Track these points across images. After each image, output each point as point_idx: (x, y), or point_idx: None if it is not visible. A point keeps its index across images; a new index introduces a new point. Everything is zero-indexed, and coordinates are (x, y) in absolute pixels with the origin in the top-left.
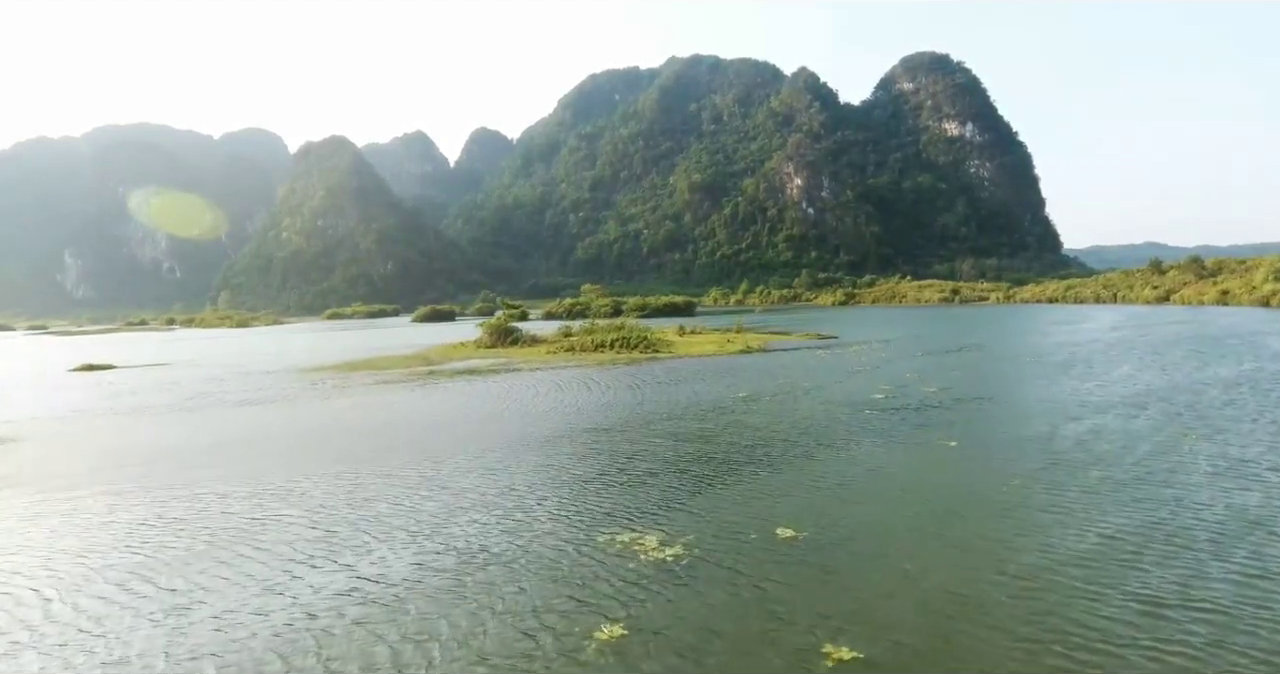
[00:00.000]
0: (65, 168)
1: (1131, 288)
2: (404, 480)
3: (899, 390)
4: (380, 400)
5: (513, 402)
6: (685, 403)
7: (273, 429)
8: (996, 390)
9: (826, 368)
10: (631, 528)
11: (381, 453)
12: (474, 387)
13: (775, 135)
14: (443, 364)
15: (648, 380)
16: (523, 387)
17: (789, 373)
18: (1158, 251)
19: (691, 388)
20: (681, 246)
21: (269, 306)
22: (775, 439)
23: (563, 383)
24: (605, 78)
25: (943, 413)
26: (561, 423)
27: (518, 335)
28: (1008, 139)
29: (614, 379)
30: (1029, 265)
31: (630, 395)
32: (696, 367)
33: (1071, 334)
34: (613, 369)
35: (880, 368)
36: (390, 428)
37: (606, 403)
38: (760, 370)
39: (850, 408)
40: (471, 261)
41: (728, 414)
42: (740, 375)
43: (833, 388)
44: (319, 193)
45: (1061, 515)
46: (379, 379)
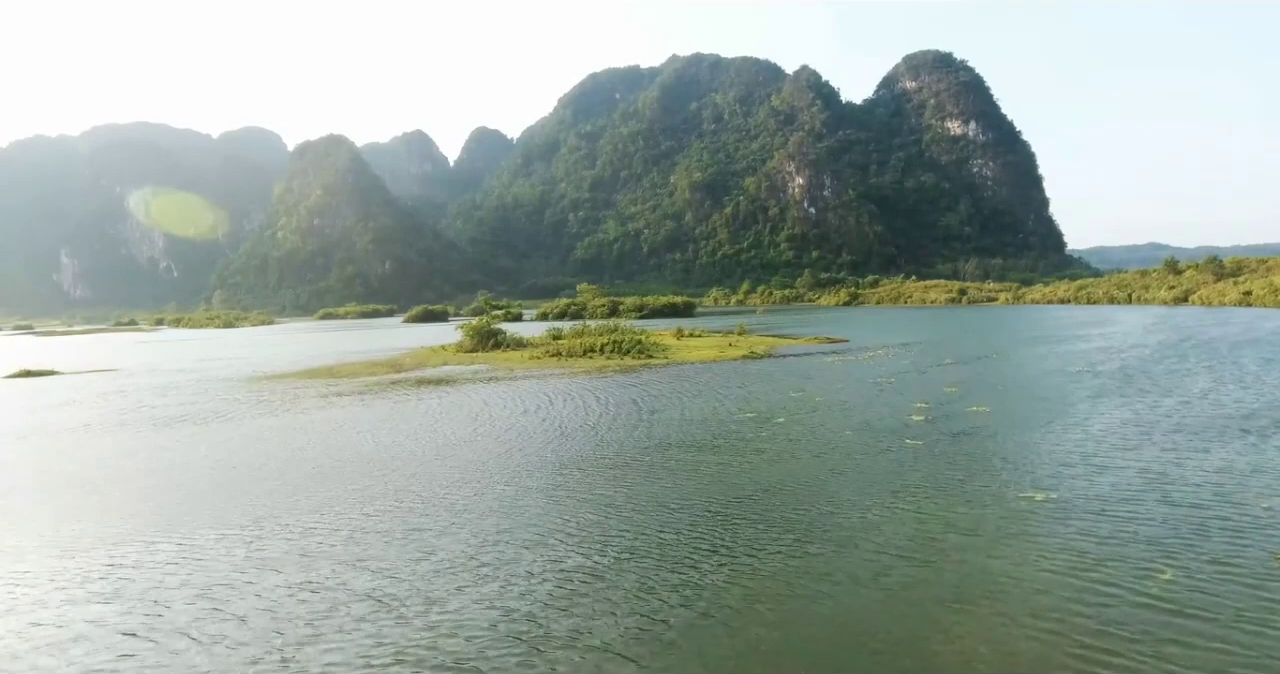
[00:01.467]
0: (63, 167)
1: (1147, 288)
2: (261, 591)
3: (939, 410)
4: (323, 418)
5: (474, 423)
6: (680, 426)
7: (177, 460)
8: (1061, 410)
9: (844, 378)
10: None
11: (280, 502)
12: (439, 400)
13: (777, 134)
14: (413, 371)
15: (637, 394)
16: (493, 400)
17: (802, 384)
18: (1160, 252)
19: (689, 404)
20: (682, 246)
21: (265, 306)
22: (800, 491)
23: (539, 396)
24: (606, 76)
25: (1007, 446)
26: (525, 459)
27: (501, 338)
28: (1011, 138)
29: (599, 392)
30: (1033, 265)
31: (614, 415)
32: (695, 375)
33: (1105, 338)
34: (600, 378)
35: (906, 379)
36: (313, 461)
37: (585, 425)
38: (768, 380)
39: (888, 436)
40: (470, 261)
41: (736, 445)
42: (746, 387)
43: (858, 405)
44: (315, 191)
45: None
46: (335, 390)
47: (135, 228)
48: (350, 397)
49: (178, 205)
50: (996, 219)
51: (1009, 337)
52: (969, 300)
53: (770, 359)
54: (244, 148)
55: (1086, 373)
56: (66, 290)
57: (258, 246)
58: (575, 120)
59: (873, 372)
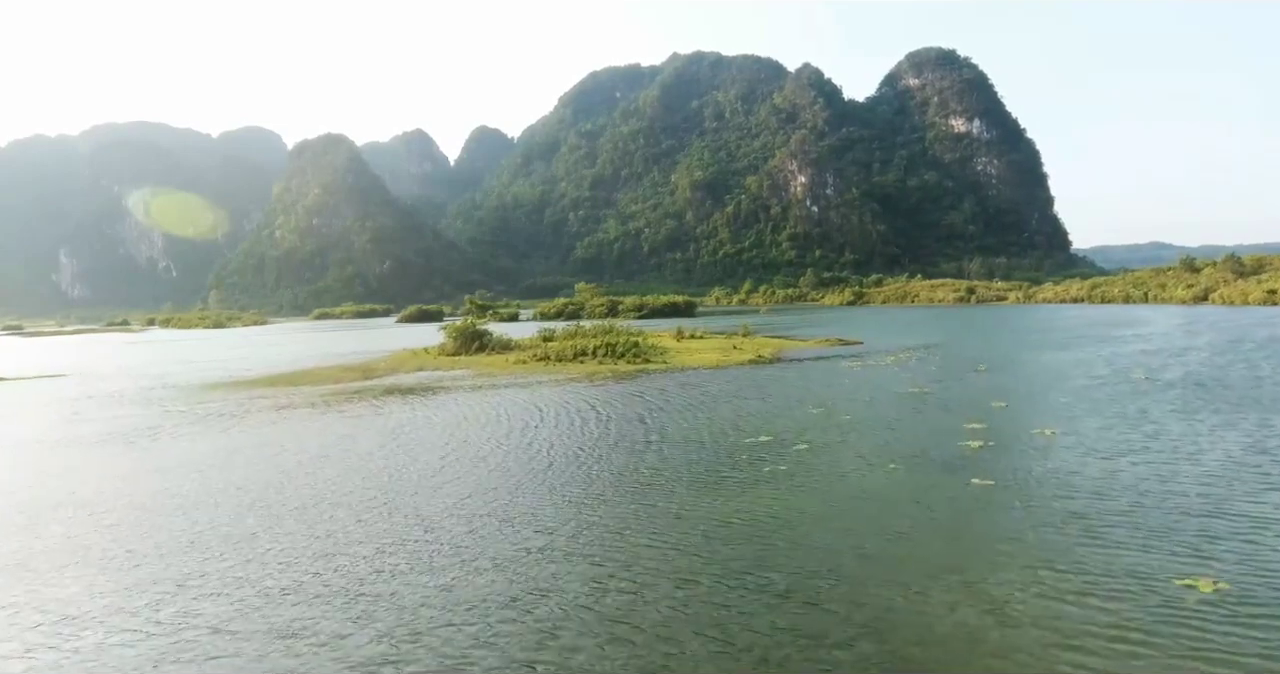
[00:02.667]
0: (62, 166)
1: (1164, 287)
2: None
3: (998, 434)
4: (263, 440)
5: (431, 451)
6: (681, 456)
7: (85, 492)
8: (1151, 434)
9: (869, 388)
10: None
11: (104, 585)
12: (403, 416)
13: (778, 132)
14: (384, 377)
15: (631, 409)
16: (462, 418)
17: (821, 395)
18: (1163, 251)
19: (691, 423)
20: (683, 246)
21: (262, 306)
22: (849, 567)
23: (516, 412)
24: (606, 75)
25: (1112, 490)
26: (485, 514)
27: (486, 341)
28: (1015, 136)
29: (587, 406)
30: (1038, 264)
31: (600, 439)
32: (697, 384)
33: (1144, 340)
34: (590, 387)
35: (942, 389)
36: (217, 507)
37: (565, 455)
38: (781, 391)
39: (946, 474)
40: (469, 261)
41: (752, 486)
42: (756, 399)
43: (895, 426)
44: (313, 190)
45: None
46: (291, 401)
47: (134, 227)
48: (304, 410)
49: (177, 205)
50: (1000, 218)
51: (1036, 338)
52: (977, 300)
53: (780, 364)
54: (244, 147)
55: (1150, 381)
56: (65, 290)
57: (255, 246)
58: (576, 119)
59: (900, 380)
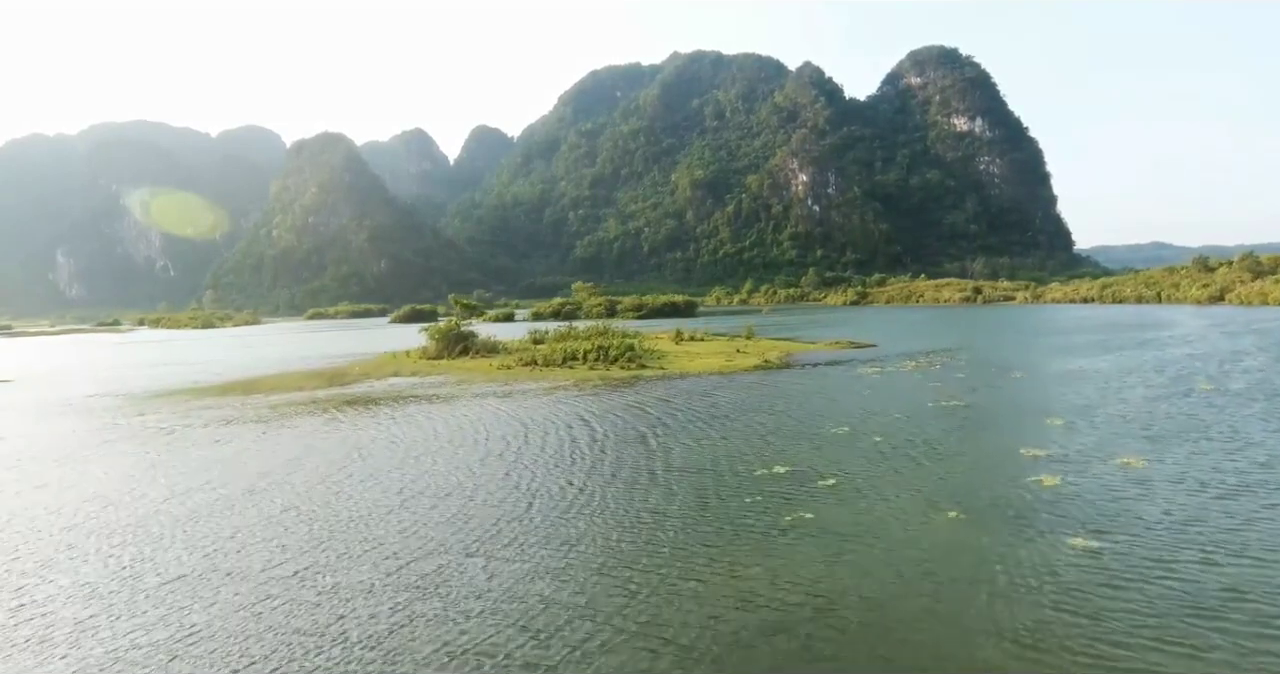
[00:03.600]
0: (60, 165)
1: (1177, 286)
2: None
3: (1071, 467)
4: (190, 462)
5: (389, 480)
6: (677, 493)
7: None
8: (1265, 463)
9: (896, 400)
10: None
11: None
12: (361, 432)
13: (779, 131)
14: (353, 385)
15: (620, 427)
16: (428, 434)
17: (841, 409)
18: (1163, 251)
19: (689, 446)
20: (683, 245)
21: (259, 306)
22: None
23: (488, 432)
24: (606, 74)
25: (1263, 546)
26: (425, 569)
27: (470, 343)
28: (1018, 135)
29: (569, 423)
30: (1041, 264)
31: (579, 468)
32: (697, 395)
33: (1183, 342)
34: (577, 398)
35: (977, 401)
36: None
37: (538, 493)
38: (794, 402)
39: (1026, 529)
40: (468, 261)
41: (771, 545)
42: (766, 413)
43: (939, 452)
44: (311, 189)
45: None
46: (240, 413)
47: (132, 227)
48: (250, 425)
49: (175, 204)
50: (1003, 217)
51: (1062, 341)
52: (984, 300)
53: (789, 370)
54: (243, 147)
55: (1219, 392)
56: (63, 290)
57: (253, 245)
58: (576, 118)
59: (928, 390)
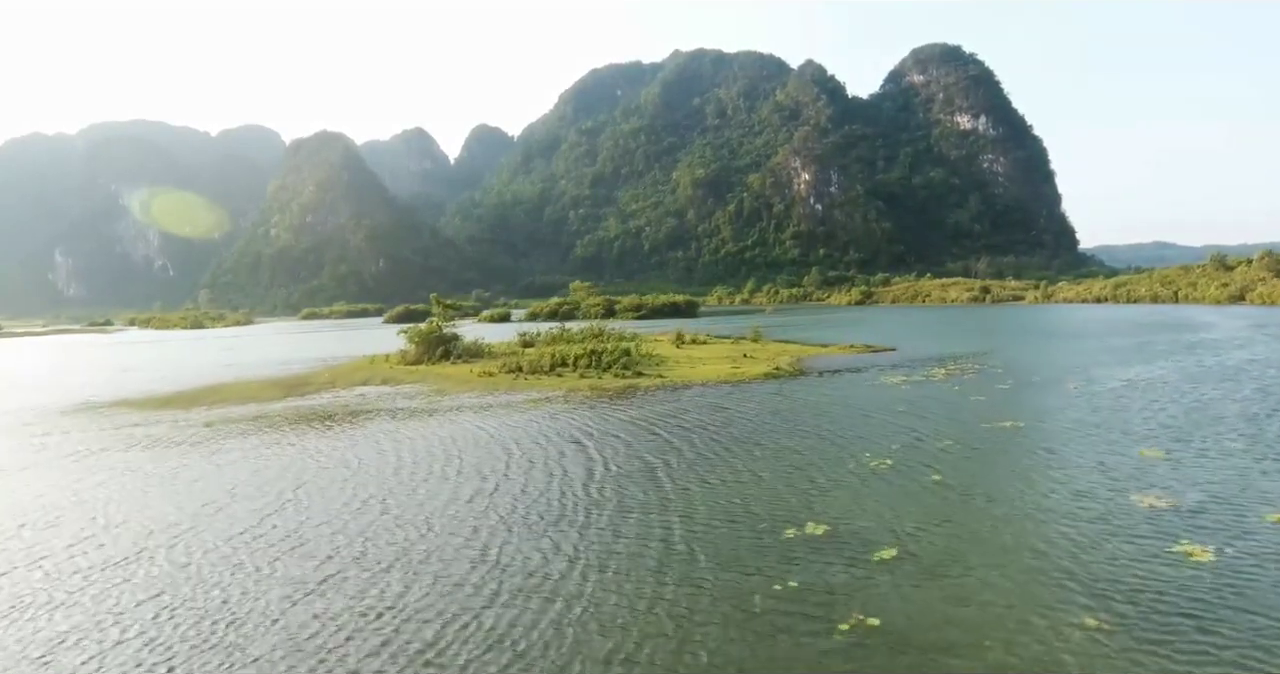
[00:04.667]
0: (59, 164)
1: (1194, 285)
2: None
3: (1206, 513)
4: (81, 497)
5: (319, 537)
6: (682, 569)
7: None
8: None
9: (938, 419)
10: None
11: None
12: (306, 458)
13: (781, 130)
14: (318, 393)
15: (608, 456)
16: (385, 463)
17: (876, 432)
18: (1166, 250)
19: (693, 489)
20: (684, 244)
21: (257, 305)
22: None
23: (462, 455)
24: (607, 72)
25: None
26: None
27: (452, 347)
28: (1021, 133)
29: (548, 449)
30: (1047, 263)
31: (552, 520)
32: (700, 410)
33: (1234, 347)
34: (562, 414)
35: (1038, 421)
36: None
37: (484, 582)
38: (817, 422)
39: (1211, 653)
40: (467, 260)
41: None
42: (784, 437)
43: (1019, 503)
44: (308, 188)
45: None
46: (175, 432)
47: (131, 226)
48: (178, 448)
49: (174, 204)
50: (1007, 216)
51: (1096, 344)
52: (993, 299)
53: (804, 378)
54: (242, 146)
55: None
56: (61, 289)
57: (250, 244)
58: (576, 117)
59: (972, 406)
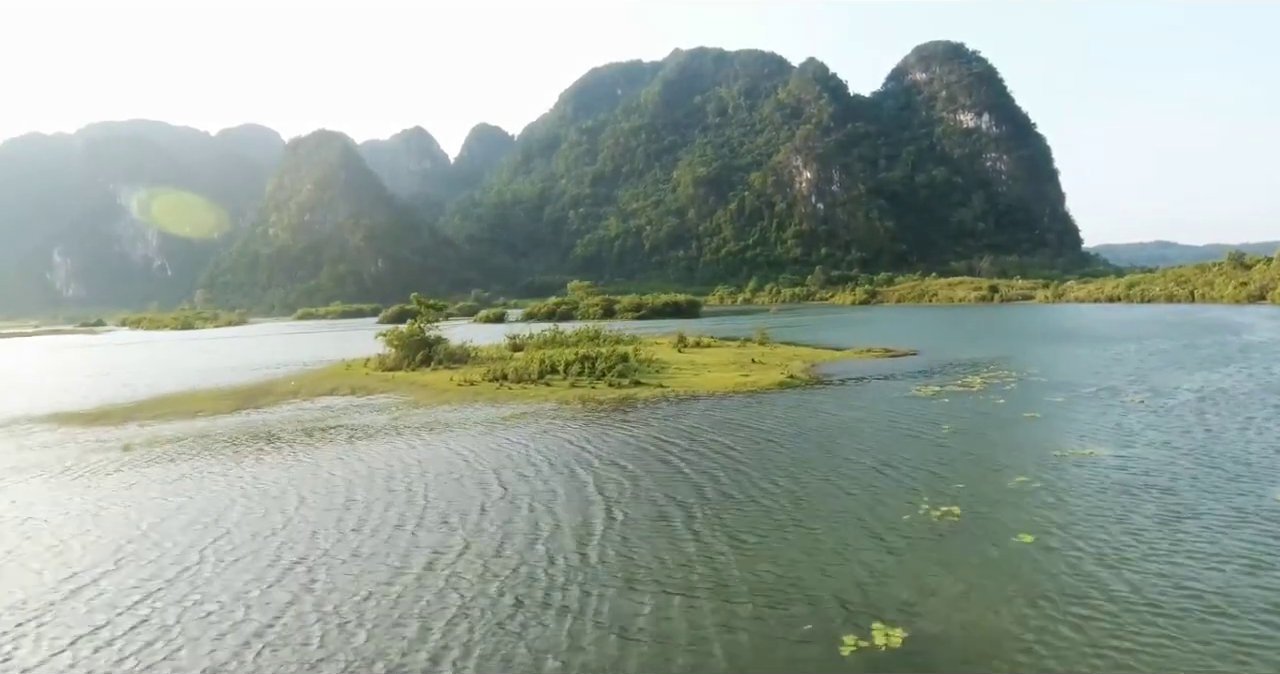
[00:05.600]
0: (57, 164)
1: (1211, 285)
2: None
3: None
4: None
5: (197, 645)
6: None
7: None
8: None
9: (994, 443)
10: None
11: None
12: (231, 490)
13: (783, 128)
14: (277, 406)
15: (609, 491)
16: (317, 509)
17: (929, 467)
18: (1168, 250)
19: (725, 561)
20: (685, 243)
21: (255, 305)
22: None
23: (414, 499)
24: (607, 71)
25: None
26: None
27: (434, 351)
28: (1025, 131)
29: (537, 483)
30: (1051, 262)
31: (537, 607)
32: (715, 426)
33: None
34: (550, 433)
35: (1123, 449)
36: None
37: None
38: (845, 447)
39: None
40: (467, 259)
41: None
42: (808, 470)
43: (1161, 585)
44: (307, 187)
45: None
46: (92, 455)
47: (129, 226)
48: (85, 481)
49: (174, 203)
50: (1011, 215)
51: (1136, 347)
52: (1001, 299)
53: (821, 387)
54: (242, 145)
55: None
56: (59, 289)
57: (248, 244)
58: (576, 116)
59: (1029, 426)
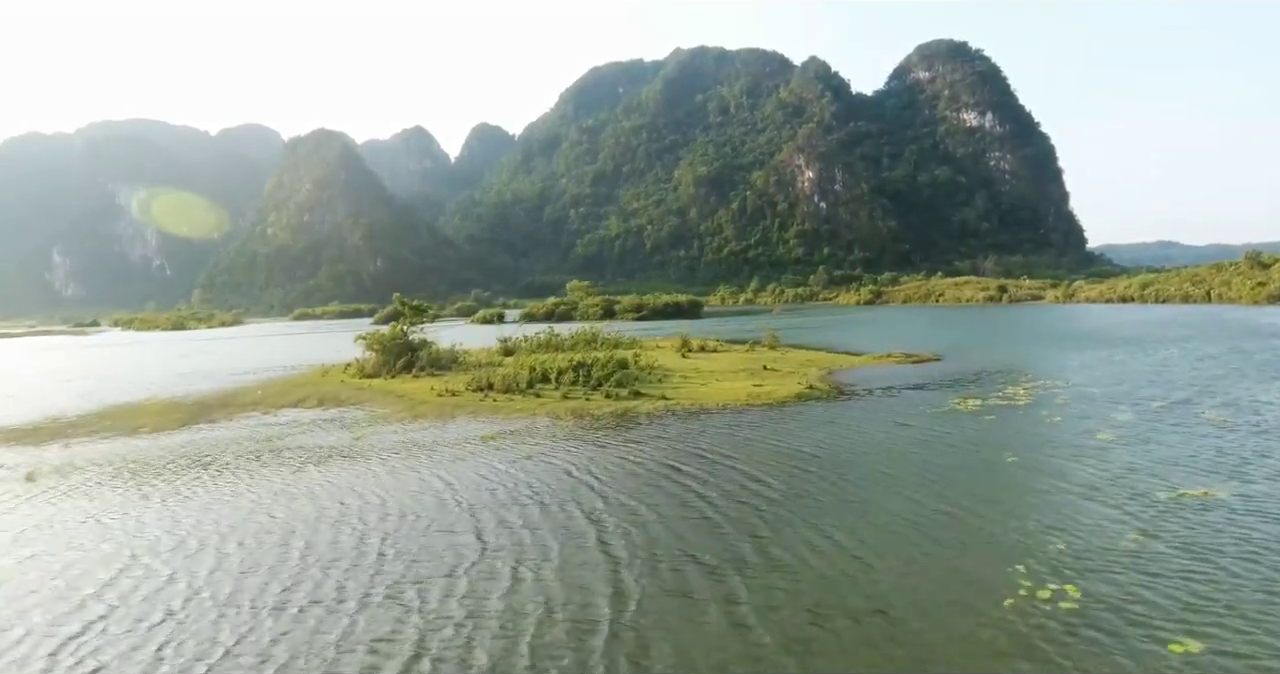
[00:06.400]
0: (57, 164)
1: (1229, 285)
2: None
3: None
4: None
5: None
6: None
7: None
8: None
9: (1079, 476)
10: None
11: None
12: (125, 552)
13: (785, 127)
14: (235, 418)
15: (618, 550)
16: (241, 564)
17: (1006, 508)
18: (1170, 249)
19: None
20: (687, 243)
21: (253, 305)
22: None
23: (364, 552)
24: (608, 70)
25: None
26: None
27: (416, 357)
28: (1029, 130)
29: (522, 530)
30: (1056, 262)
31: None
32: (736, 448)
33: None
34: (538, 459)
35: (1237, 479)
36: None
37: None
38: (913, 486)
39: None
40: (466, 259)
41: None
42: (881, 523)
43: None
44: (305, 186)
45: None
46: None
47: (129, 226)
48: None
49: (173, 203)
50: (1015, 214)
51: (1179, 352)
52: (1010, 299)
53: (851, 400)
54: (242, 145)
55: None
56: (58, 289)
57: (247, 244)
58: (577, 115)
59: (1110, 454)
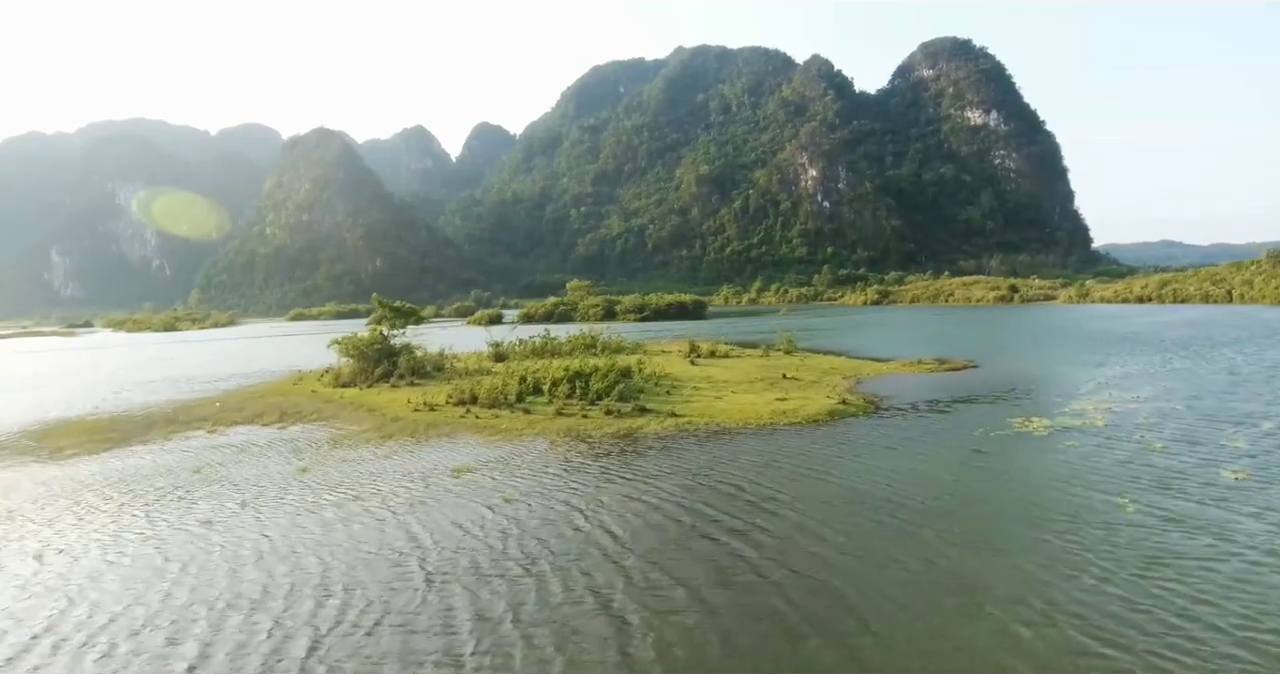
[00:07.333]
0: (56, 163)
1: (1250, 284)
2: None
3: None
4: None
5: None
6: None
7: None
8: None
9: (1219, 529)
10: None
11: None
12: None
13: (787, 125)
14: (176, 436)
15: (644, 661)
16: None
17: (1164, 593)
18: (1173, 249)
19: None
20: (689, 242)
21: (251, 305)
22: None
23: (285, 648)
24: (609, 69)
25: None
26: None
27: (395, 364)
28: (1033, 128)
29: (490, 624)
30: (1061, 261)
31: None
32: (774, 489)
33: None
34: (529, 499)
35: None
36: None
37: None
38: (1020, 550)
39: None
40: (467, 259)
41: None
42: (997, 639)
43: None
44: (304, 186)
45: None
46: None
47: (128, 225)
48: None
49: (173, 203)
50: (1020, 213)
51: (1242, 357)
52: (1021, 299)
53: (892, 417)
54: (242, 145)
55: None
56: (57, 289)
57: (246, 244)
58: (578, 114)
59: (1246, 498)
